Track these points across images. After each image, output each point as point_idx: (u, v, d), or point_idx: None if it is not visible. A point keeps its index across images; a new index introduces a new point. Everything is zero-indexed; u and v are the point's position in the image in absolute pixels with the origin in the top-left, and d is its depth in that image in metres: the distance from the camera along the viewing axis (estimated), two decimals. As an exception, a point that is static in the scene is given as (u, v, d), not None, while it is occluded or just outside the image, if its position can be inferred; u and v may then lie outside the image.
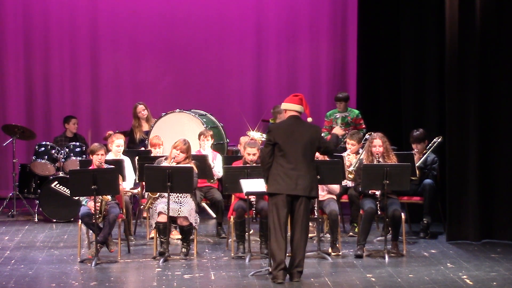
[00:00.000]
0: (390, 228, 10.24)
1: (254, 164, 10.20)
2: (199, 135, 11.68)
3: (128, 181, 11.09)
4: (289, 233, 9.16)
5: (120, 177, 10.21)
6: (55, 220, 12.51)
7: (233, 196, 10.57)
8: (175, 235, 10.96)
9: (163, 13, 15.16)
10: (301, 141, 8.80)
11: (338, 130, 9.15)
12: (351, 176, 10.89)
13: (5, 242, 11.11)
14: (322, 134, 12.74)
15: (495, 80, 10.81)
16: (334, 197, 10.46)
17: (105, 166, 10.22)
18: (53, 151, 12.87)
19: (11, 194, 13.11)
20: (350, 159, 11.15)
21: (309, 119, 9.05)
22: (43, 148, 12.89)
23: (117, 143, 11.27)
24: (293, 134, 8.80)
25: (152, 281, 9.04)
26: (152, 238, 10.52)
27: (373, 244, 10.69)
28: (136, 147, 12.86)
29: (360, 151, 11.08)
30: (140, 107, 13.25)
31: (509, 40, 10.74)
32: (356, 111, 12.99)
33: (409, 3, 12.68)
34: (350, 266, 9.61)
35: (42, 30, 15.10)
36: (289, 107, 8.95)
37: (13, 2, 15.02)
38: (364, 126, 12.76)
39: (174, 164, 10.15)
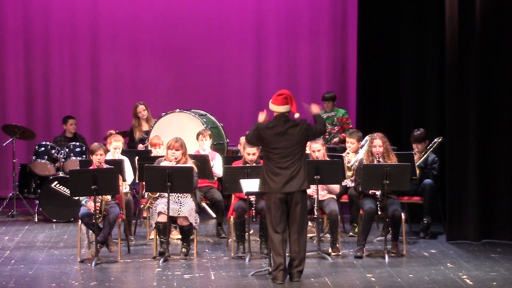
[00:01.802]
0: (390, 228, 10.24)
1: (254, 164, 10.21)
2: (197, 135, 11.65)
3: (128, 181, 11.09)
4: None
5: (120, 177, 10.22)
6: (55, 220, 12.50)
7: (233, 196, 10.57)
8: (175, 235, 10.95)
9: (163, 13, 15.15)
10: (291, 140, 8.78)
11: (315, 109, 9.13)
12: (350, 173, 10.89)
13: (5, 242, 11.11)
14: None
15: (495, 80, 10.80)
16: (334, 197, 10.45)
17: (105, 166, 10.23)
18: (53, 151, 12.86)
19: (11, 194, 13.11)
20: (350, 157, 11.15)
21: (296, 115, 9.02)
22: (43, 148, 12.88)
23: (114, 146, 11.24)
24: (282, 135, 8.79)
25: (152, 281, 9.04)
26: (152, 238, 10.52)
27: (373, 244, 10.68)
28: (135, 145, 12.91)
29: (360, 150, 11.08)
30: (141, 107, 13.27)
31: (509, 40, 10.74)
32: (342, 111, 13.12)
33: (409, 3, 12.67)
34: (350, 266, 9.61)
35: (42, 30, 15.08)
36: (274, 109, 8.93)
37: (13, 2, 15.01)
38: (351, 126, 12.81)
39: (174, 164, 10.15)
